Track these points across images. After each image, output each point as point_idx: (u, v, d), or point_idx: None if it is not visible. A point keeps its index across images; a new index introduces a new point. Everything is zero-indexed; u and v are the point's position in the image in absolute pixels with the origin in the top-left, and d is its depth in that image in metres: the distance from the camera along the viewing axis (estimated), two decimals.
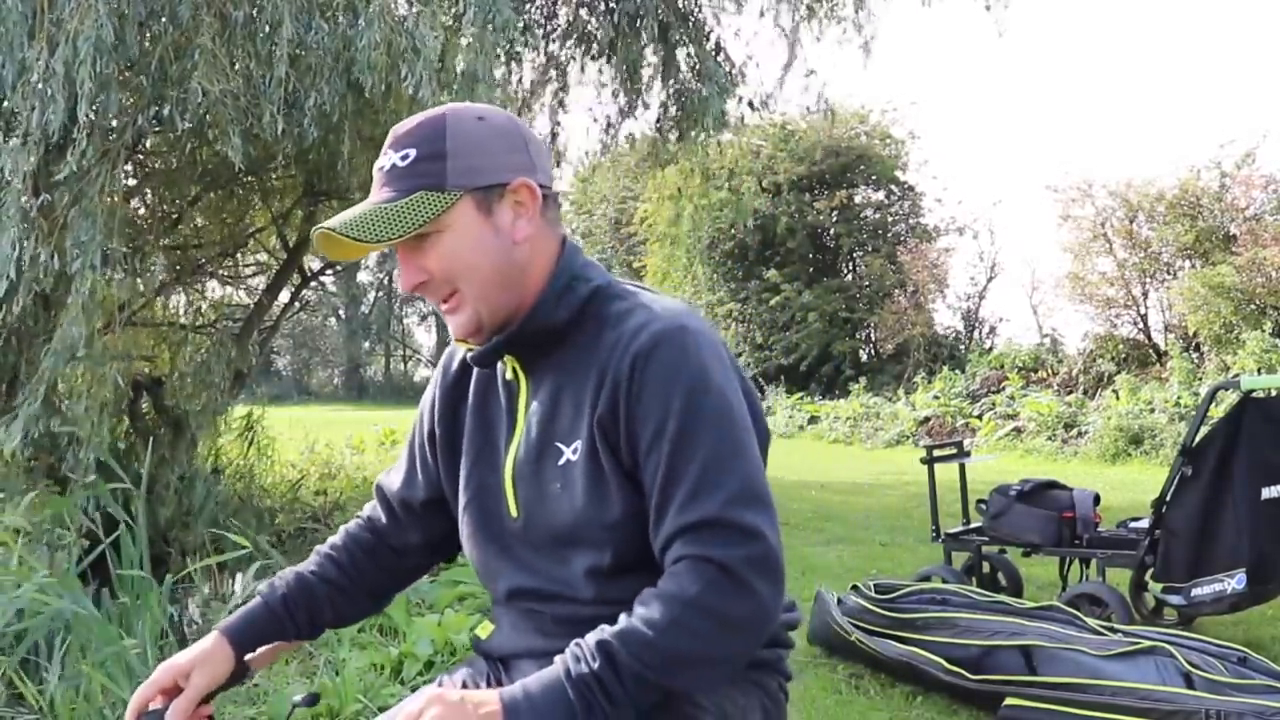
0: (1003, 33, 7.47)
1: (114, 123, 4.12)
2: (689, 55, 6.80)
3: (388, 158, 1.18)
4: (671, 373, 1.11)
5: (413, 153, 1.17)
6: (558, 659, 1.06)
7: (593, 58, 7.05)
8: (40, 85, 3.65)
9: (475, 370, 1.30)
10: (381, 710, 2.51)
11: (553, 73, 7.15)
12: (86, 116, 3.68)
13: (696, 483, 1.07)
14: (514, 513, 1.22)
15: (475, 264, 1.17)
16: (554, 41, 7.11)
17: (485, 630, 1.33)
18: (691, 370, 1.12)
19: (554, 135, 7.77)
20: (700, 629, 1.04)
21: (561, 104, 7.34)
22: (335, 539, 1.42)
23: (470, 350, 1.25)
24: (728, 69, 7.12)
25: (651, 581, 1.09)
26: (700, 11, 6.98)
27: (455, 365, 1.34)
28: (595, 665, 1.02)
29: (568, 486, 1.16)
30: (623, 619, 1.06)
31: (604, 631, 1.05)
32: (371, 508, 1.43)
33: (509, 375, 1.25)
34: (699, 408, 1.10)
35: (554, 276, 1.20)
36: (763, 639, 1.10)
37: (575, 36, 7.06)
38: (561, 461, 1.17)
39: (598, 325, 1.19)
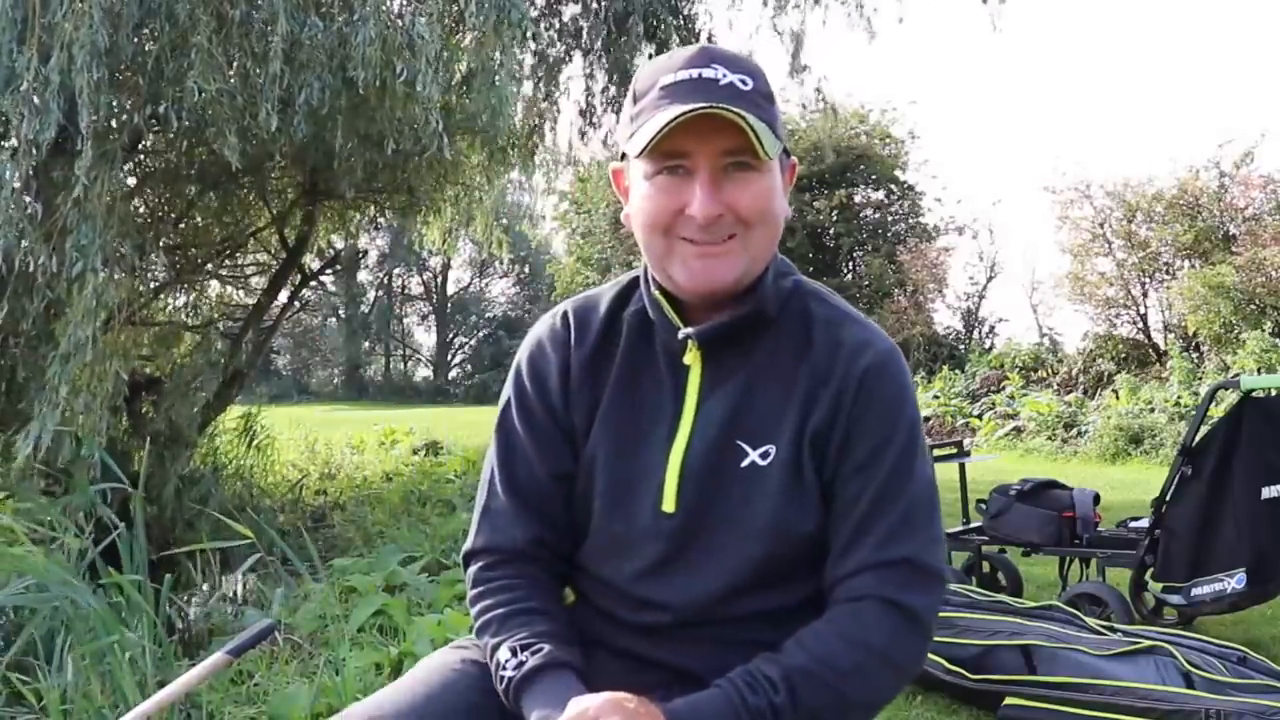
0: (998, 27, 7.31)
1: (112, 124, 4.10)
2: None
3: (716, 71, 1.04)
4: (898, 398, 1.08)
5: (750, 82, 1.06)
6: (722, 682, 0.99)
7: (584, 54, 7.04)
8: (31, 93, 3.60)
9: (622, 341, 1.16)
10: None
11: (544, 71, 7.12)
12: (88, 124, 3.63)
13: (902, 519, 1.04)
14: (669, 507, 1.09)
15: (775, 213, 1.09)
16: (545, 39, 7.09)
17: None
18: (912, 401, 1.09)
19: (545, 134, 7.74)
20: (880, 679, 1.02)
21: (555, 102, 7.32)
22: (520, 607, 1.12)
23: (687, 330, 1.11)
24: None
25: (784, 601, 1.05)
26: (692, 7, 6.97)
27: (597, 330, 1.18)
28: (777, 698, 0.97)
29: (755, 493, 1.07)
30: (796, 652, 1.01)
31: (781, 664, 1.00)
32: (510, 542, 1.17)
33: (686, 359, 1.13)
34: (916, 443, 1.07)
35: (769, 263, 1.12)
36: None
37: (567, 35, 7.04)
38: (746, 464, 1.08)
39: (802, 323, 1.12)
